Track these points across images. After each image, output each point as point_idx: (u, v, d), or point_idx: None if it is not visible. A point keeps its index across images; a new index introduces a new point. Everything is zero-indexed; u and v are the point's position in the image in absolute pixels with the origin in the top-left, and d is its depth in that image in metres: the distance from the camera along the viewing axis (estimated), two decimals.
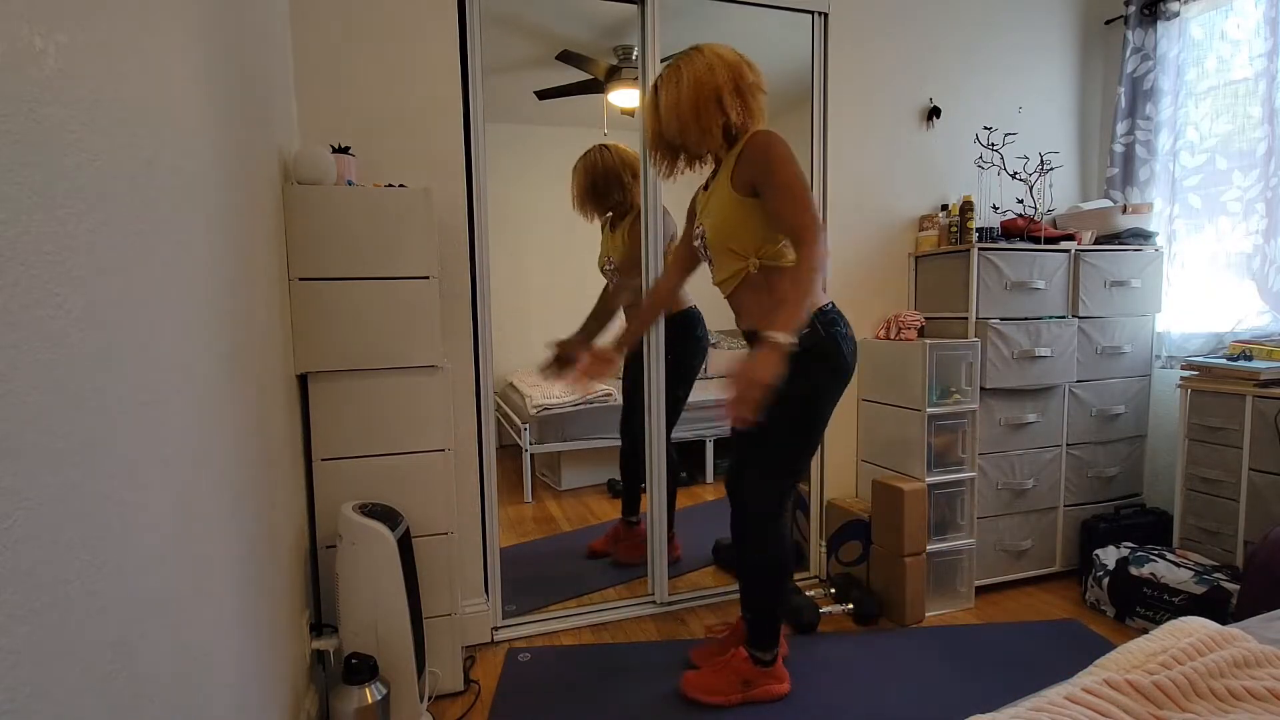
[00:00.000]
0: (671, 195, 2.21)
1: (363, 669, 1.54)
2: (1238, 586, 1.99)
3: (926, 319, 2.53)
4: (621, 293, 2.60)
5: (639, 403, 2.42)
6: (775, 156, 1.62)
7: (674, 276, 1.98)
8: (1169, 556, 2.22)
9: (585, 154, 2.55)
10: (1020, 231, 2.47)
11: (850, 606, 2.33)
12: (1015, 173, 2.62)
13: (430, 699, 1.80)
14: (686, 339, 2.50)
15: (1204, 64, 2.58)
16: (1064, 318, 2.48)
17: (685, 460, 2.62)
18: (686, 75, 1.71)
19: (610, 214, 2.69)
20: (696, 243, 1.86)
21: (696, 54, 1.72)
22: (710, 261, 1.83)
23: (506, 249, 2.57)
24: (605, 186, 2.52)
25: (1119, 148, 2.71)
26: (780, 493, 1.79)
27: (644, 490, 2.45)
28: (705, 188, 1.87)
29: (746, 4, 2.35)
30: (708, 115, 1.70)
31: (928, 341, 2.32)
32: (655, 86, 1.79)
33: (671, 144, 1.81)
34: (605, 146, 2.54)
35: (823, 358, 1.69)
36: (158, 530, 0.86)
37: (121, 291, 0.79)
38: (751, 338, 1.82)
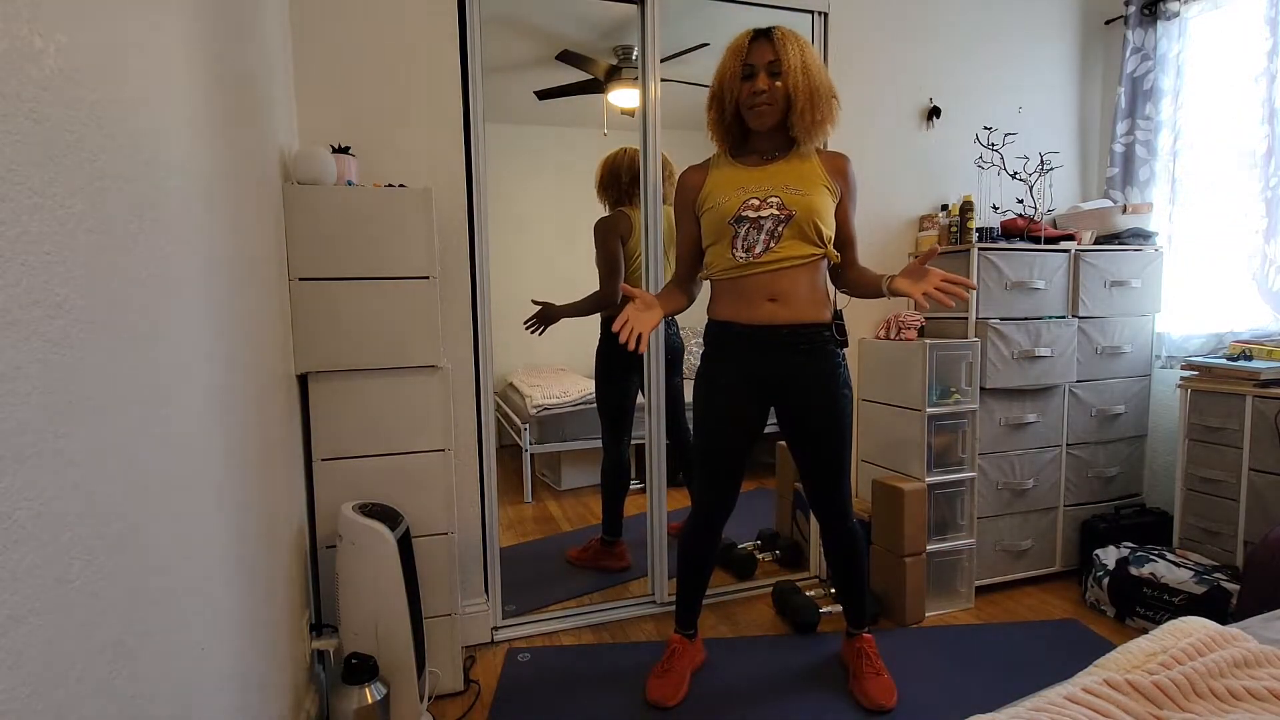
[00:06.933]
0: None
1: (363, 669, 1.54)
2: (1238, 586, 1.99)
3: (926, 319, 2.52)
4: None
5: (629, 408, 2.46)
6: (856, 188, 1.84)
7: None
8: (1169, 556, 2.22)
9: (624, 150, 2.61)
10: (1020, 231, 2.47)
11: None
12: (1015, 173, 2.62)
13: (430, 699, 1.80)
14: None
15: (1204, 64, 2.58)
16: (1064, 318, 2.48)
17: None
18: (812, 55, 1.72)
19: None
20: (756, 213, 1.73)
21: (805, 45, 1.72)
22: (772, 236, 1.72)
23: (507, 249, 2.56)
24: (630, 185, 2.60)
25: (1119, 148, 2.71)
26: None
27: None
28: (758, 162, 1.78)
29: (746, 4, 2.35)
30: (828, 104, 1.73)
31: (928, 341, 2.31)
32: (767, 34, 1.73)
33: (767, 105, 1.71)
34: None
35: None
36: (158, 530, 0.86)
37: (121, 291, 0.79)
38: (794, 331, 1.75)
